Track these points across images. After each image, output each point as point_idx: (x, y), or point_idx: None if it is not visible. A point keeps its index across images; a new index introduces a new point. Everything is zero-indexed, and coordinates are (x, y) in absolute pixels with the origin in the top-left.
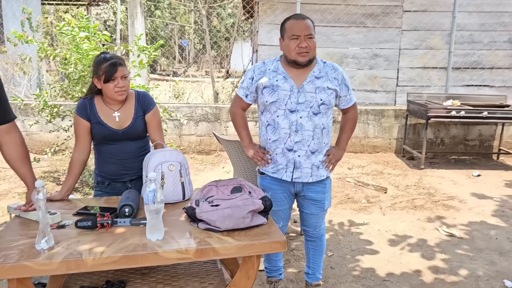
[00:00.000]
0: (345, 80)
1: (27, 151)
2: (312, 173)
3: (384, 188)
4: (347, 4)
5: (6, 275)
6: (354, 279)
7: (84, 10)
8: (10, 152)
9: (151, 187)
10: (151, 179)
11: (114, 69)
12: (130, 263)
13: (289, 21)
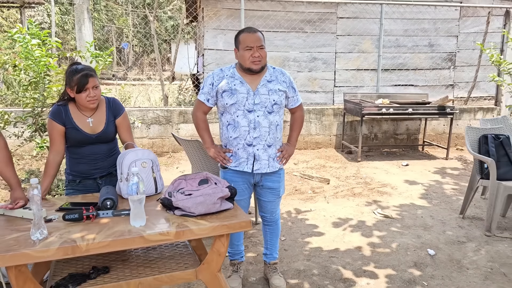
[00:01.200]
0: (292, 83)
1: (10, 154)
2: (269, 164)
3: (327, 180)
4: (287, 11)
5: (8, 262)
6: (305, 258)
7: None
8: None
9: (134, 180)
10: (134, 173)
11: (85, 80)
12: (120, 246)
13: (243, 34)
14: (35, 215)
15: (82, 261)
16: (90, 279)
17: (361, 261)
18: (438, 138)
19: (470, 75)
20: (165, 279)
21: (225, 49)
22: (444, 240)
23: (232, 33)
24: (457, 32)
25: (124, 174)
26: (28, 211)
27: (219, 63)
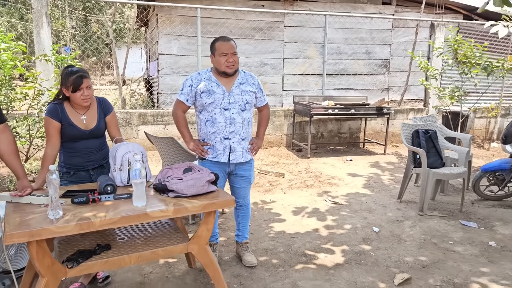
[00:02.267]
0: (260, 85)
1: (17, 148)
2: (243, 155)
3: (282, 174)
4: (239, 19)
5: (33, 237)
6: (270, 239)
7: None
8: (5, 148)
9: (138, 166)
10: (137, 160)
11: (80, 81)
12: (128, 221)
13: (218, 42)
14: (52, 197)
15: (83, 242)
16: (96, 255)
17: (319, 240)
18: (376, 136)
19: (402, 79)
20: (161, 252)
21: (180, 54)
22: (386, 220)
23: (187, 39)
24: (390, 41)
25: (117, 164)
26: (35, 197)
27: (173, 68)
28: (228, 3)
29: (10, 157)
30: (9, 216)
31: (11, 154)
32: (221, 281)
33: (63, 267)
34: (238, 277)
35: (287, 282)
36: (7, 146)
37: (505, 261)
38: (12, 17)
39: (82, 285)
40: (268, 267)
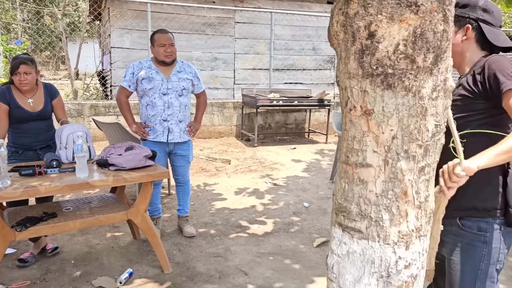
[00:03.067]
0: (197, 74)
1: None
2: (180, 136)
3: (228, 160)
4: (190, 15)
5: None
6: (210, 215)
7: None
8: None
9: (80, 142)
10: (80, 136)
11: (17, 66)
12: (71, 189)
13: (157, 34)
14: (0, 168)
15: (31, 212)
16: (42, 221)
17: (254, 214)
18: (320, 126)
19: None
20: (103, 219)
21: (132, 48)
22: (317, 197)
23: (138, 33)
24: None
25: (63, 143)
26: None
27: (125, 61)
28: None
29: None
30: None
31: None
32: (158, 244)
33: (12, 231)
34: (178, 245)
35: (221, 247)
36: None
37: None
38: None
39: (32, 254)
40: (206, 236)
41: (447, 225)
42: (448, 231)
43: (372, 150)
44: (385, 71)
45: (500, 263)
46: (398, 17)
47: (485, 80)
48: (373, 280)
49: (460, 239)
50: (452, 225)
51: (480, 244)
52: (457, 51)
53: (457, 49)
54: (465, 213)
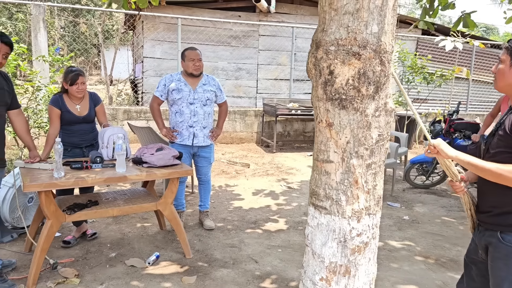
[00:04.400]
0: (220, 86)
1: (29, 127)
2: (204, 140)
3: (247, 164)
4: (217, 28)
5: (44, 188)
6: (228, 212)
7: None
8: (21, 127)
9: (120, 142)
10: (120, 137)
11: (76, 77)
12: (113, 181)
13: (187, 51)
14: (57, 162)
15: (77, 200)
16: (87, 207)
17: (268, 213)
18: None
19: None
20: (136, 208)
21: (162, 58)
22: None
23: (169, 44)
24: None
25: (105, 143)
26: (43, 164)
27: (156, 70)
28: (208, 13)
29: (24, 134)
30: (24, 176)
31: (25, 131)
32: (182, 232)
33: (63, 213)
34: (198, 236)
35: (236, 240)
36: (22, 126)
37: (410, 229)
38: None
39: (74, 237)
40: (223, 230)
41: (489, 236)
42: (490, 241)
43: (333, 150)
44: (340, 97)
45: None
46: (348, 62)
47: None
48: (334, 244)
49: (499, 250)
50: (493, 237)
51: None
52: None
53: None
54: (505, 228)
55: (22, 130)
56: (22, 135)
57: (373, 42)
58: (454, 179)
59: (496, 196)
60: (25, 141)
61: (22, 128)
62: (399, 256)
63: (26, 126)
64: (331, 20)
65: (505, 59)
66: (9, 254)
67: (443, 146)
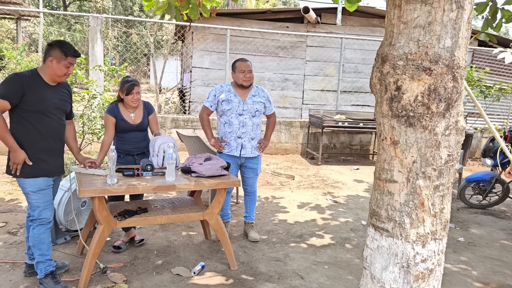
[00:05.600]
0: (269, 98)
1: (76, 135)
2: (252, 151)
3: (292, 176)
4: (265, 39)
5: (98, 194)
6: (273, 224)
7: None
8: (69, 135)
9: (170, 151)
10: (170, 146)
11: (132, 88)
12: (162, 189)
13: (238, 62)
14: (110, 168)
15: (127, 206)
16: (137, 214)
17: (314, 228)
18: None
19: None
20: (183, 217)
21: (210, 68)
22: None
23: (217, 55)
24: None
25: (155, 151)
26: (98, 170)
27: (204, 80)
28: (256, 24)
29: (72, 141)
30: (79, 181)
31: (73, 139)
32: (227, 243)
33: (114, 219)
34: (243, 247)
35: (281, 253)
36: (71, 133)
37: (466, 252)
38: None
39: (123, 242)
40: (268, 243)
41: None
42: None
43: (398, 170)
44: (407, 114)
45: None
46: (417, 77)
47: None
48: (396, 269)
49: None
50: None
51: None
52: None
53: None
54: None
55: (70, 136)
56: (70, 141)
57: (446, 56)
58: None
59: None
60: (71, 146)
61: (71, 135)
62: (454, 280)
63: (74, 134)
64: (400, 33)
65: None
66: (62, 256)
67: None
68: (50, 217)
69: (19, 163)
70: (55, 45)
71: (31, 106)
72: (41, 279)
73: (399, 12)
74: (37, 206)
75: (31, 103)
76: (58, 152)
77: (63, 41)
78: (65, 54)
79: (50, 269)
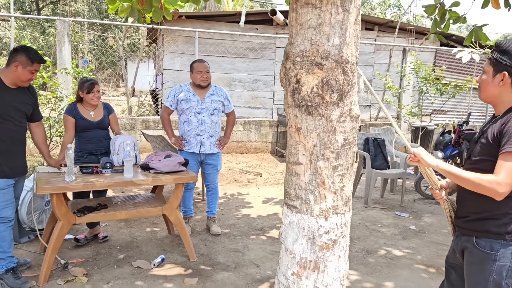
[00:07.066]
0: (227, 96)
1: (46, 138)
2: (210, 148)
3: (259, 173)
4: (234, 40)
5: (55, 191)
6: (236, 219)
7: None
8: (38, 137)
9: (128, 149)
10: (128, 145)
11: (93, 86)
12: (120, 185)
13: (196, 63)
14: (68, 166)
15: (89, 203)
16: (96, 210)
17: (275, 221)
18: None
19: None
20: (143, 212)
21: (181, 70)
22: None
23: (187, 57)
24: (372, 62)
25: (115, 150)
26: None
27: (175, 81)
28: (226, 26)
29: (41, 144)
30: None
31: (42, 142)
32: (186, 235)
33: (74, 216)
34: (205, 241)
35: (241, 245)
36: (40, 136)
37: (415, 239)
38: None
39: (85, 237)
40: (229, 236)
41: (465, 241)
42: (466, 246)
43: (302, 153)
44: (306, 104)
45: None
46: (312, 72)
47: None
48: (304, 241)
49: (474, 255)
50: (469, 242)
51: (490, 262)
52: (494, 93)
53: (494, 92)
54: (480, 234)
55: (39, 140)
56: (39, 145)
57: (334, 53)
58: (434, 187)
59: (473, 203)
60: (41, 150)
61: (40, 139)
62: (399, 264)
63: (43, 137)
64: (297, 33)
65: (488, 70)
66: (25, 253)
67: (423, 155)
68: (10, 215)
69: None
70: (21, 50)
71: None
72: (1, 274)
73: (296, 15)
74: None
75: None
76: (18, 154)
77: (29, 47)
78: (31, 61)
79: (11, 265)
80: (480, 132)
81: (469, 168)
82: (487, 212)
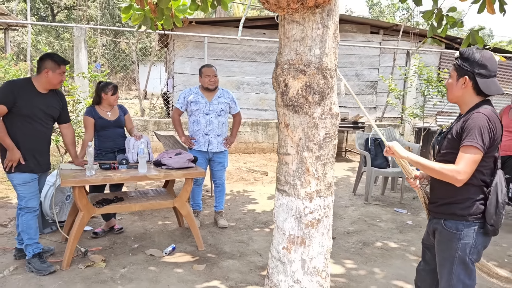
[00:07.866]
0: (234, 98)
1: (75, 139)
2: (218, 147)
3: (265, 172)
4: (242, 45)
5: (77, 184)
6: (242, 213)
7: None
8: (67, 139)
9: (142, 146)
10: (142, 142)
11: (116, 89)
12: (135, 179)
13: (204, 68)
14: (89, 161)
15: (106, 196)
16: (113, 202)
17: None
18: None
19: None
20: (155, 204)
21: (191, 73)
22: (336, 206)
23: (197, 61)
24: (378, 65)
25: (130, 148)
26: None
27: (186, 85)
28: (234, 31)
29: (70, 145)
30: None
31: (71, 143)
32: (194, 226)
33: (93, 207)
34: (212, 233)
35: (246, 236)
36: (69, 138)
37: (411, 233)
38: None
39: (102, 230)
40: (235, 229)
41: (436, 223)
42: (436, 227)
43: (290, 145)
44: (293, 104)
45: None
46: (297, 77)
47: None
48: (292, 220)
49: (443, 234)
50: (439, 224)
51: (456, 240)
52: (458, 95)
53: (458, 94)
54: (447, 216)
55: (68, 141)
56: (68, 146)
57: (315, 62)
58: (409, 177)
59: (441, 190)
60: (69, 151)
61: (69, 140)
62: (393, 254)
63: (72, 138)
64: (285, 45)
65: (453, 75)
66: (49, 243)
67: (397, 147)
68: (36, 205)
69: (15, 160)
70: (47, 57)
71: (21, 111)
72: (29, 259)
73: (284, 30)
74: (23, 196)
75: (21, 108)
76: (43, 152)
77: (52, 53)
78: (58, 64)
79: (37, 251)
80: (448, 129)
81: (439, 160)
82: (452, 197)
